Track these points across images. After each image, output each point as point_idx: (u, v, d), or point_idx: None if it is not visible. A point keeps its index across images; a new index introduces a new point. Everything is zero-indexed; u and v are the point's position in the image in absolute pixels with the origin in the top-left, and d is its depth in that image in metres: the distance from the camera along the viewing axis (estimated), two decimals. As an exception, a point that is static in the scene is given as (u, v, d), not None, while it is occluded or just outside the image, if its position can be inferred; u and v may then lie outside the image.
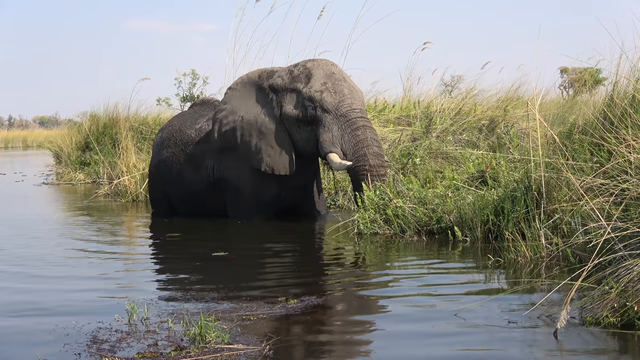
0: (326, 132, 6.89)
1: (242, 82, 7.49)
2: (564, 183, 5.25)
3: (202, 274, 5.20)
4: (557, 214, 5.22)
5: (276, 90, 7.21)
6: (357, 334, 3.70)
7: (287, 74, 7.22)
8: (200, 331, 3.54)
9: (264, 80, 7.34)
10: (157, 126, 14.42)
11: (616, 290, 3.58)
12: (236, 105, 7.33)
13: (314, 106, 6.92)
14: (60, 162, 15.88)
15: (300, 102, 7.01)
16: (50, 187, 13.31)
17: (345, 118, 6.89)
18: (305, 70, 7.15)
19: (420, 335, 3.58)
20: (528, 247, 5.23)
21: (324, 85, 6.98)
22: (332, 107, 6.89)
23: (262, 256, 5.83)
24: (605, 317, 3.55)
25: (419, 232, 6.38)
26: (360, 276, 5.11)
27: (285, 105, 7.11)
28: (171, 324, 3.77)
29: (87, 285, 4.88)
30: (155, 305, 4.23)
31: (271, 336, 3.57)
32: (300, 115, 6.99)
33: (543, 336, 3.48)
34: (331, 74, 7.12)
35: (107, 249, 6.35)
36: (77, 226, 7.89)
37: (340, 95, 6.95)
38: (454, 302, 4.13)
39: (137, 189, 10.32)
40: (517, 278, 4.71)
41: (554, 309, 3.79)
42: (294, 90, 7.10)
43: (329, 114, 6.89)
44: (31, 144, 42.33)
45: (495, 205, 5.96)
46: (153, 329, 3.75)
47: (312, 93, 6.94)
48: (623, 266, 3.69)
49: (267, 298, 4.35)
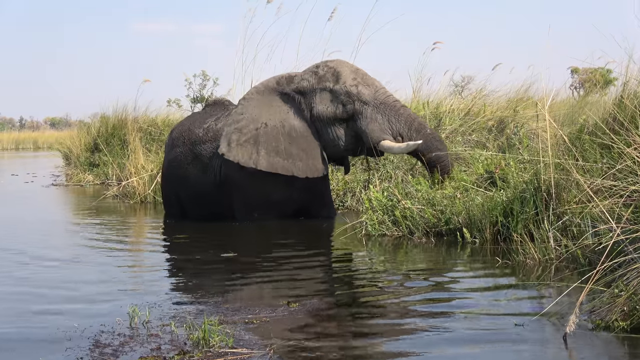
0: (371, 122, 6.90)
1: (259, 90, 7.37)
2: (573, 184, 5.18)
3: (205, 277, 5.17)
4: (567, 216, 5.15)
5: (304, 93, 7.13)
6: (360, 338, 3.64)
7: (312, 76, 7.15)
8: (203, 335, 3.50)
9: (285, 85, 7.24)
10: (166, 127, 14.42)
11: (626, 293, 3.52)
12: (256, 114, 7.20)
13: (351, 100, 6.91)
14: (70, 164, 15.90)
15: (335, 99, 6.97)
16: (59, 189, 13.31)
17: (385, 105, 6.95)
18: (330, 70, 7.11)
19: (423, 338, 3.53)
20: (537, 249, 5.17)
21: (356, 80, 7.00)
22: (370, 97, 6.92)
23: (267, 259, 5.78)
24: (615, 320, 3.49)
25: (428, 233, 6.33)
26: (365, 279, 5.06)
27: (317, 105, 7.04)
28: (174, 327, 3.72)
29: (89, 288, 4.85)
30: (157, 308, 4.20)
31: (276, 340, 3.52)
32: (338, 112, 6.96)
33: (552, 340, 3.41)
34: (356, 69, 7.18)
35: (111, 252, 6.32)
36: (82, 228, 7.88)
37: (373, 87, 7.02)
38: (460, 303, 4.07)
39: (145, 190, 10.29)
40: (526, 281, 4.65)
41: (564, 312, 3.72)
42: (324, 89, 7.04)
43: (368, 105, 6.91)
44: (42, 145, 42.38)
45: (504, 206, 5.90)
46: (156, 333, 3.72)
47: (347, 88, 6.93)
48: (633, 269, 3.62)
49: (271, 301, 4.31)
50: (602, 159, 5.07)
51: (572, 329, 3.35)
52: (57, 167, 17.51)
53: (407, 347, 3.42)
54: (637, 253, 3.76)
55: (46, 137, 44.75)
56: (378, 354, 3.38)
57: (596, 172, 4.86)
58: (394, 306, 4.16)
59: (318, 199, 7.53)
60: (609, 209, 4.17)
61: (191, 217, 7.97)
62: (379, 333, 3.69)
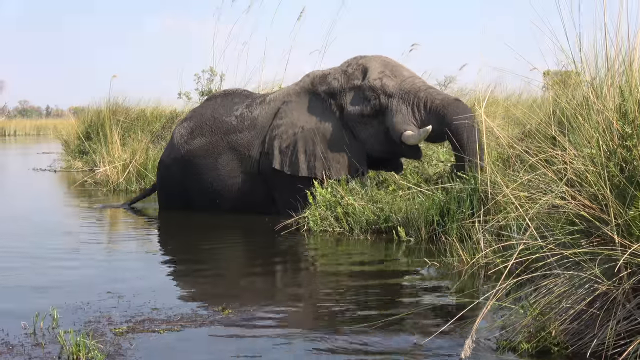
0: (396, 115, 6.06)
1: (296, 92, 6.63)
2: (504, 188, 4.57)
3: (135, 276, 4.57)
4: (499, 220, 4.55)
5: (334, 94, 6.39)
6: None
7: (341, 75, 6.40)
8: (74, 350, 2.92)
9: (318, 85, 6.50)
10: (154, 119, 13.83)
11: (531, 313, 2.93)
12: (295, 118, 6.49)
13: (376, 95, 6.13)
14: (67, 151, 15.37)
15: (361, 97, 6.23)
16: (46, 173, 12.84)
17: (409, 93, 6.07)
18: (359, 67, 6.36)
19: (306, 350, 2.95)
20: (467, 251, 4.58)
21: (382, 73, 6.20)
22: (395, 89, 6.10)
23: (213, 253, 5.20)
24: (520, 342, 2.91)
25: (367, 231, 5.74)
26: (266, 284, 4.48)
27: (347, 105, 6.30)
28: (61, 338, 3.11)
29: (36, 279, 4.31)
30: (79, 312, 3.60)
31: (162, 356, 2.95)
32: (365, 110, 6.19)
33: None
34: (387, 62, 6.36)
35: (54, 242, 5.74)
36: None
37: (400, 77, 6.19)
38: (365, 315, 3.48)
39: (118, 179, 9.72)
40: (443, 289, 4.06)
41: (469, 330, 3.12)
42: (353, 88, 6.30)
43: (394, 97, 6.09)
44: (59, 132, 41.81)
45: (441, 206, 5.32)
46: (43, 343, 3.13)
47: (371, 82, 6.15)
48: (542, 285, 3.03)
49: (200, 305, 3.73)
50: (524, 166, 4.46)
51: (468, 354, 2.76)
52: (58, 153, 16.97)
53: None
54: (558, 266, 3.16)
55: (64, 124, 44.11)
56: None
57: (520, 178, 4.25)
58: (286, 316, 3.58)
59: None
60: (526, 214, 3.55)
61: (197, 209, 7.04)
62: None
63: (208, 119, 6.99)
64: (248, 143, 6.69)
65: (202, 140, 6.92)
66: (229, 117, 6.87)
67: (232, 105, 7.02)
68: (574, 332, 2.86)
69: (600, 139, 3.02)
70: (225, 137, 6.79)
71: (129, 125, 12.87)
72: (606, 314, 2.80)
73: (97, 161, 12.34)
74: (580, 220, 3.06)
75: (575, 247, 2.98)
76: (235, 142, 6.74)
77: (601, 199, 2.94)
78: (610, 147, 3.04)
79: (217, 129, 6.86)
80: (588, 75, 3.70)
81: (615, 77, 3.58)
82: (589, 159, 3.03)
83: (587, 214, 2.97)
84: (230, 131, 6.79)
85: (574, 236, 3.04)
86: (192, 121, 7.15)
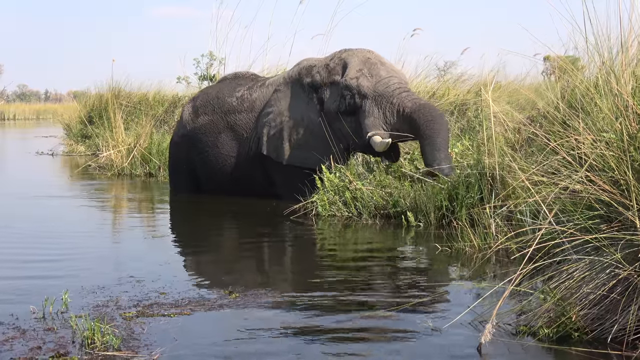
0: (368, 118, 5.98)
1: (286, 82, 6.59)
2: (514, 172, 4.52)
3: (141, 261, 4.52)
4: (510, 202, 4.49)
5: (316, 87, 6.33)
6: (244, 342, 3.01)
7: (324, 69, 6.34)
8: (89, 334, 2.88)
9: (303, 77, 6.44)
10: (157, 103, 13.75)
11: (552, 298, 2.88)
12: (283, 107, 6.48)
13: (351, 94, 6.03)
14: (69, 135, 15.27)
15: (339, 94, 6.13)
16: (46, 157, 12.78)
17: (382, 97, 5.97)
18: (341, 62, 6.29)
19: (313, 339, 2.90)
20: (477, 236, 4.53)
21: (360, 72, 6.08)
22: (370, 90, 5.99)
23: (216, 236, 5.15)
24: (540, 327, 2.86)
25: (375, 215, 5.69)
26: (277, 272, 4.44)
27: (326, 100, 6.24)
28: (74, 322, 3.07)
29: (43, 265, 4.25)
30: (88, 296, 3.56)
31: (179, 341, 2.90)
32: (342, 107, 6.10)
33: (466, 351, 2.78)
34: (367, 59, 6.22)
35: (55, 226, 5.69)
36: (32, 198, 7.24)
37: (376, 78, 6.05)
38: (377, 301, 3.44)
39: (122, 163, 9.64)
40: (457, 274, 4.02)
41: (488, 315, 3.08)
42: (332, 83, 6.23)
43: (368, 98, 5.99)
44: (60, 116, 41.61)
45: (449, 190, 5.27)
46: (55, 327, 3.09)
47: (348, 81, 6.04)
48: (563, 270, 2.99)
49: (208, 289, 3.69)
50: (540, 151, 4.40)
51: (488, 338, 2.71)
52: (59, 137, 16.86)
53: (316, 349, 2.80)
54: (575, 251, 3.10)
55: (65, 108, 43.91)
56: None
57: (533, 162, 4.19)
58: (301, 305, 3.53)
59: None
60: (544, 199, 3.50)
61: (206, 191, 7.13)
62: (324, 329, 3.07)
63: (213, 98, 7.10)
64: (245, 124, 6.76)
65: (205, 118, 7.03)
66: (231, 97, 6.95)
67: (236, 86, 7.07)
68: (595, 318, 2.82)
69: (621, 123, 2.96)
70: (225, 117, 6.88)
71: (132, 109, 12.81)
72: (627, 300, 2.76)
73: (100, 145, 12.28)
74: (600, 205, 3.01)
75: (595, 232, 2.93)
76: (234, 122, 6.82)
77: (623, 184, 2.89)
78: (629, 132, 2.98)
79: (219, 108, 6.95)
80: (605, 58, 3.64)
81: (632, 60, 3.53)
82: (611, 144, 2.97)
83: (608, 198, 2.91)
84: (230, 111, 6.87)
85: (594, 221, 2.99)
86: (199, 100, 7.30)
